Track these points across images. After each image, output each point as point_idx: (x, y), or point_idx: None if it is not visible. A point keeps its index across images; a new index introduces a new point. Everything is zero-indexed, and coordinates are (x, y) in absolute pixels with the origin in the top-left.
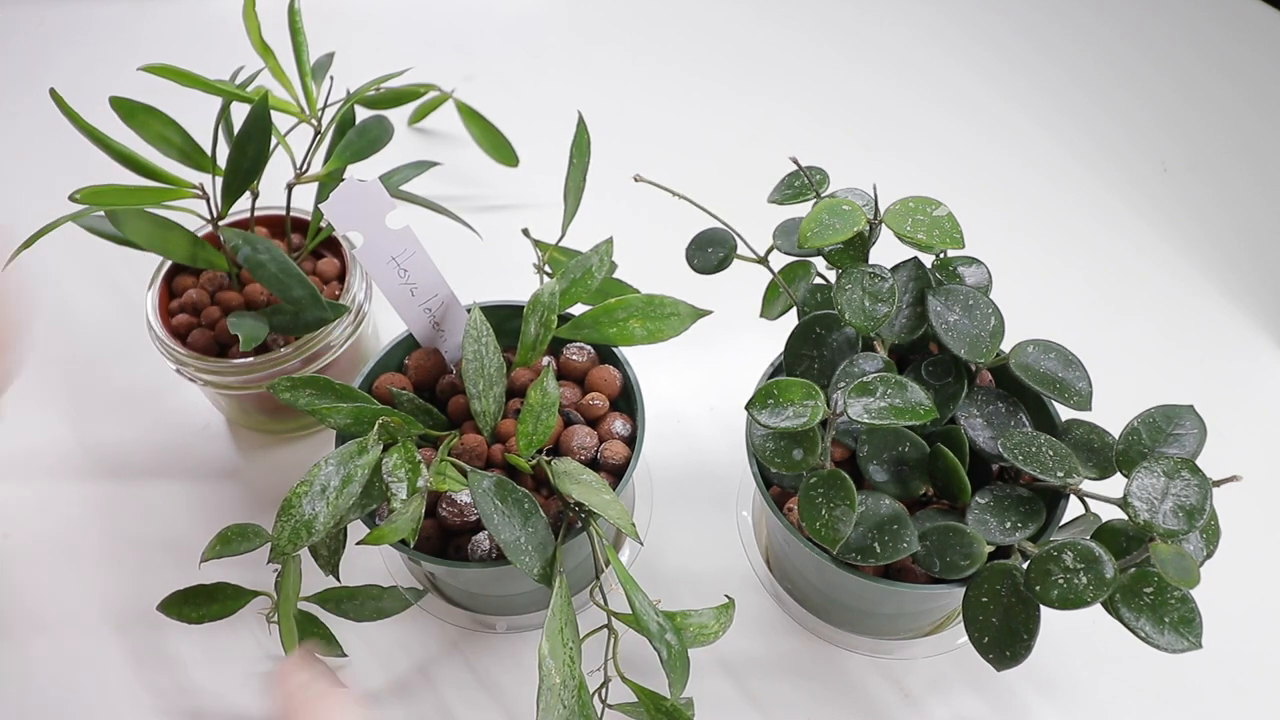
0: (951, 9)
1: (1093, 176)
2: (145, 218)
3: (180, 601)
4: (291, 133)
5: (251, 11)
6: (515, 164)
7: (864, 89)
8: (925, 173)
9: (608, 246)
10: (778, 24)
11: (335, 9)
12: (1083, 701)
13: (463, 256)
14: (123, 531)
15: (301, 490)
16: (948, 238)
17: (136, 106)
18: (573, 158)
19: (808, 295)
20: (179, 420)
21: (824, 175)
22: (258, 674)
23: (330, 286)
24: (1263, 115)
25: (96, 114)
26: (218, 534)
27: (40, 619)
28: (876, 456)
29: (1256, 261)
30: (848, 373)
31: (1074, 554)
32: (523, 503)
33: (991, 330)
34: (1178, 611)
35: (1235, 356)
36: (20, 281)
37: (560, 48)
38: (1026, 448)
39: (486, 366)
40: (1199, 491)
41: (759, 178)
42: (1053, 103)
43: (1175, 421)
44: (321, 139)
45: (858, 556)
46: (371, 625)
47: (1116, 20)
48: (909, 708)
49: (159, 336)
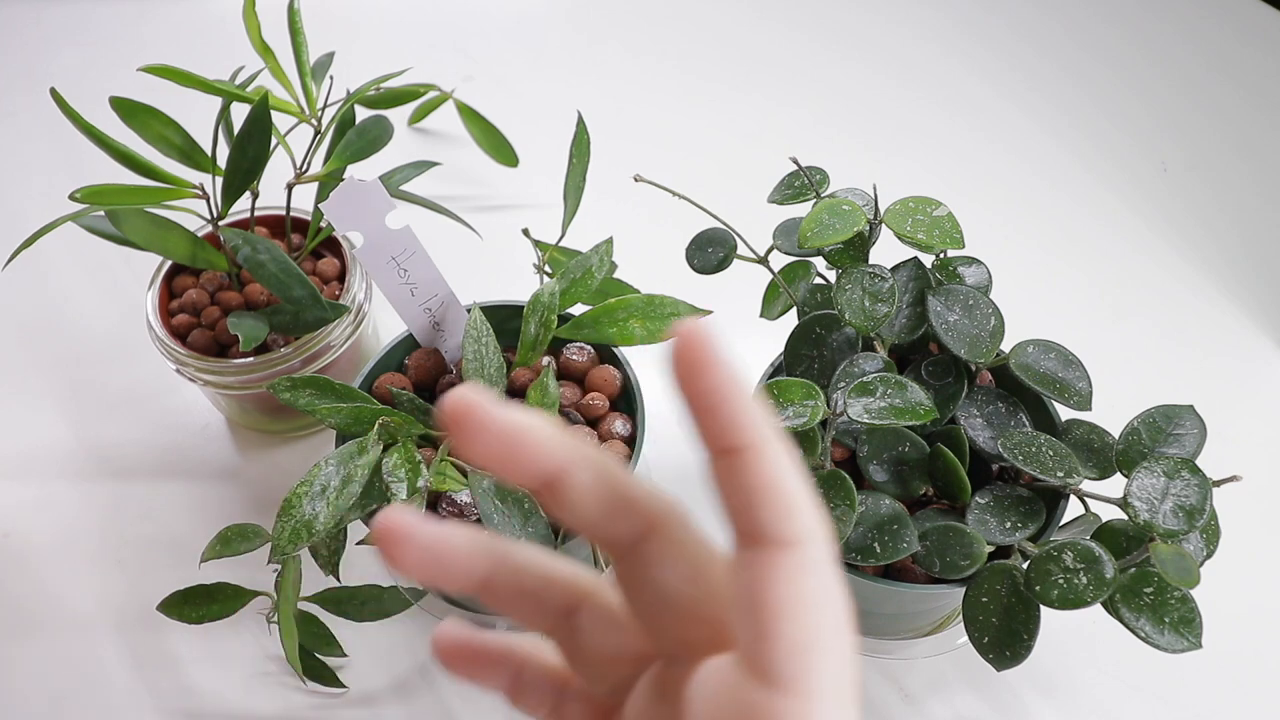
0: (951, 9)
1: (1093, 176)
2: (145, 218)
3: (180, 601)
4: (291, 133)
5: (251, 11)
6: (515, 164)
7: (864, 89)
8: (925, 173)
9: (608, 246)
10: (778, 24)
11: (335, 9)
12: (1083, 701)
13: (463, 256)
14: (123, 532)
15: (301, 490)
16: (948, 238)
17: (136, 106)
18: (573, 158)
19: (808, 295)
20: (179, 420)
21: (824, 175)
22: (258, 674)
23: (330, 286)
24: (1263, 115)
25: (96, 114)
26: (218, 534)
27: (40, 619)
28: (876, 456)
29: (1256, 261)
30: (848, 373)
31: (1074, 554)
32: (523, 503)
33: (991, 330)
34: (1178, 611)
35: (1235, 356)
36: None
37: (560, 48)
38: (1026, 448)
39: (486, 366)
40: (1199, 491)
41: (759, 178)
42: (1053, 103)
43: (1175, 421)
44: (321, 139)
45: (858, 556)
46: (371, 625)
47: (1116, 20)
48: (909, 708)
49: (159, 336)
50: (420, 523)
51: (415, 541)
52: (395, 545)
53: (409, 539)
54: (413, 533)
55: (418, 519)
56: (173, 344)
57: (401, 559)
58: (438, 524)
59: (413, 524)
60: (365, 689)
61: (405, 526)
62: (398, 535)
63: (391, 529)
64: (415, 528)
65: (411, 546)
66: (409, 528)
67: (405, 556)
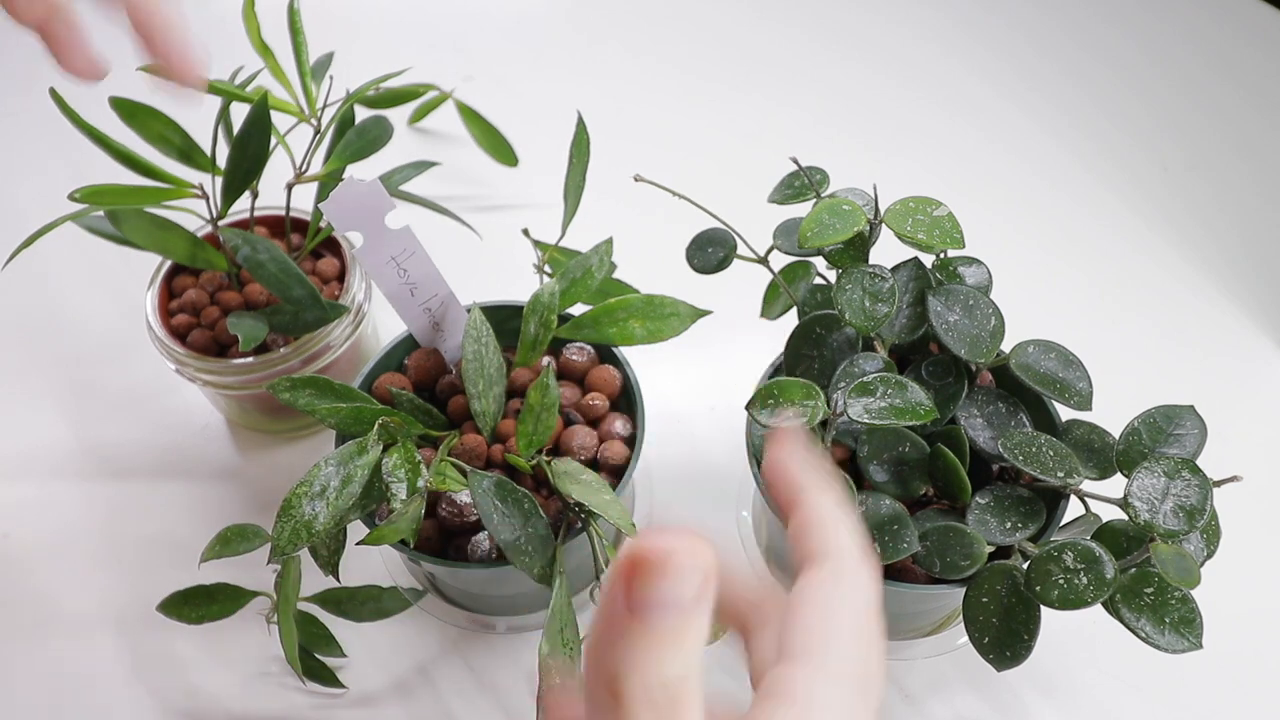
0: (951, 9)
1: (1093, 176)
2: (145, 218)
3: (180, 602)
4: (291, 133)
5: (251, 11)
6: (515, 164)
7: (864, 89)
8: (925, 173)
9: (607, 246)
10: (778, 24)
11: (335, 9)
12: (1083, 701)
13: (463, 256)
14: (123, 532)
15: (301, 490)
16: (948, 238)
17: (136, 106)
18: (572, 158)
19: (808, 295)
20: (179, 420)
21: (824, 175)
22: (258, 674)
23: (330, 286)
24: (1263, 115)
25: (96, 114)
26: (218, 534)
27: (40, 619)
28: (876, 456)
29: (1256, 261)
30: (848, 373)
31: (1074, 554)
32: (523, 503)
33: (992, 330)
34: (1178, 612)
35: (1235, 356)
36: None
37: (560, 48)
38: (1027, 448)
39: (486, 366)
40: (1199, 491)
41: (759, 178)
42: (1053, 103)
43: (1175, 421)
44: (321, 139)
45: None
46: (371, 625)
47: (1116, 20)
48: (909, 708)
49: (159, 336)
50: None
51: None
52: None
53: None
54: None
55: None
56: (172, 344)
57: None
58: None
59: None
60: (365, 689)
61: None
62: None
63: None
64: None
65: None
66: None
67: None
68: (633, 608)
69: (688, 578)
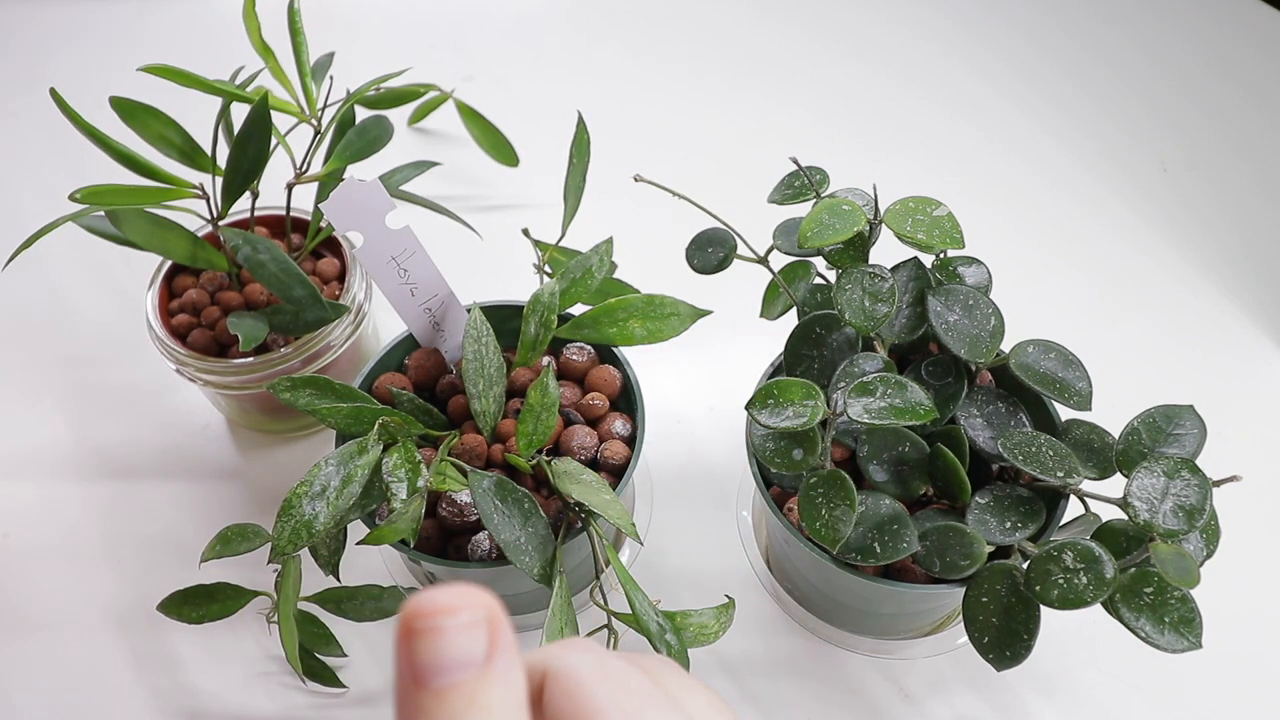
0: (951, 9)
1: (1093, 176)
2: (145, 218)
3: (180, 601)
4: (291, 133)
5: (251, 11)
6: (515, 164)
7: (864, 89)
8: (925, 173)
9: (608, 246)
10: (778, 24)
11: (335, 9)
12: (1083, 701)
13: (463, 256)
14: (123, 532)
15: (301, 490)
16: (948, 238)
17: (136, 106)
18: (573, 158)
19: (808, 295)
20: (179, 420)
21: (824, 175)
22: (258, 674)
23: (330, 286)
24: (1263, 115)
25: (96, 114)
26: (218, 534)
27: (40, 619)
28: (876, 456)
29: (1256, 261)
30: (848, 373)
31: (1074, 554)
32: (523, 503)
33: (991, 330)
34: (1178, 611)
35: (1235, 356)
36: None
37: (560, 48)
38: (1026, 448)
39: (486, 366)
40: (1199, 491)
41: (759, 178)
42: (1053, 103)
43: (1175, 421)
44: (321, 139)
45: (858, 556)
46: (371, 625)
47: (1116, 20)
48: (909, 708)
49: (159, 336)
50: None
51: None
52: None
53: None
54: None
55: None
56: (173, 344)
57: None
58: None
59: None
60: (365, 689)
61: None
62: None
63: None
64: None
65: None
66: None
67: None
68: (417, 679)
69: (468, 632)
